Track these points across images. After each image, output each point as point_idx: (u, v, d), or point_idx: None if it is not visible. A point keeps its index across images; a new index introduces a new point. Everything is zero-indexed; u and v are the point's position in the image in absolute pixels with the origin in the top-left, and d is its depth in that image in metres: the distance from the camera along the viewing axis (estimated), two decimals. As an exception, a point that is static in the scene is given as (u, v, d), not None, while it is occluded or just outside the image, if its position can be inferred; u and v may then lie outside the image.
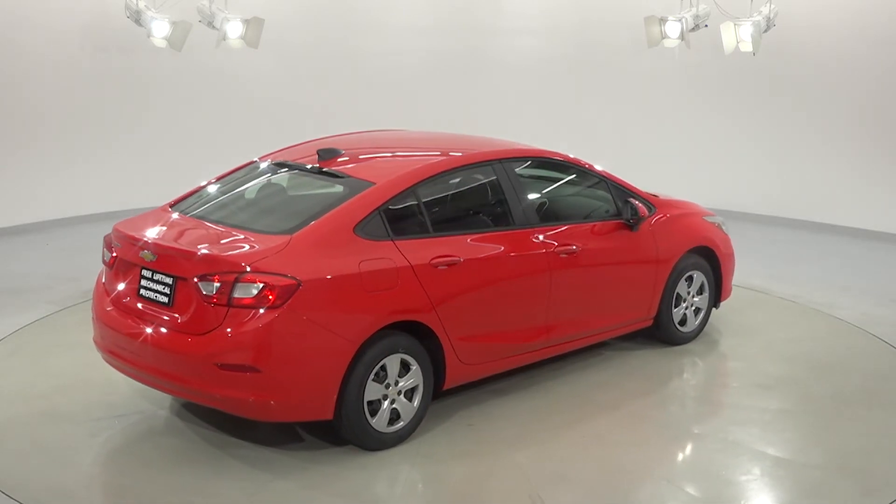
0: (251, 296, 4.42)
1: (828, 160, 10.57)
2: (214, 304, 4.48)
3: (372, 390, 4.75)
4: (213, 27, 9.46)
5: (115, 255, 5.10)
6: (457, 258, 5.07)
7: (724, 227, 6.89)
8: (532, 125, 10.96)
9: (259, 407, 4.55)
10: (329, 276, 4.58)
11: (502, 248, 5.34)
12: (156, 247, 4.81)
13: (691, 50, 9.85)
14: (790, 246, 9.79)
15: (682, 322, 6.56)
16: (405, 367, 4.90)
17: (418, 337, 4.94)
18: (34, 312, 7.01)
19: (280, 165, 5.58)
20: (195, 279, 4.54)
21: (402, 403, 4.91)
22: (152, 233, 5.00)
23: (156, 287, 4.79)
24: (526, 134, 7.98)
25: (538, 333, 5.58)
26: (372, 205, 4.89)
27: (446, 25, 11.41)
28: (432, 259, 4.96)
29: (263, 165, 5.67)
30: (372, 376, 4.72)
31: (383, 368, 4.78)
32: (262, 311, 4.42)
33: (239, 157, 6.08)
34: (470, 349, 5.19)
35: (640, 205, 6.03)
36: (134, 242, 4.93)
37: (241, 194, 5.41)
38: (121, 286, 5.01)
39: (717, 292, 6.76)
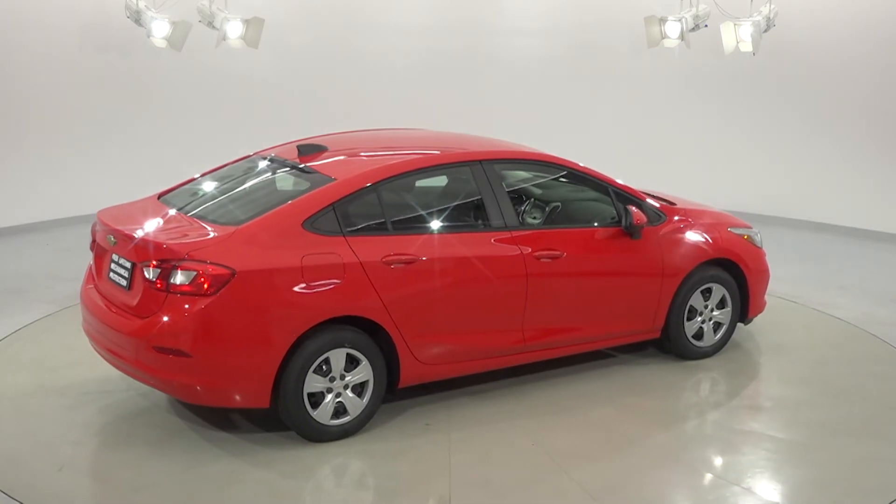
0: (187, 283, 4.56)
1: (827, 160, 10.58)
2: (157, 289, 4.64)
3: (313, 382, 4.80)
4: (213, 27, 9.47)
5: (95, 240, 5.36)
6: (414, 257, 5.02)
7: (756, 240, 6.52)
8: (532, 125, 10.97)
9: (192, 391, 4.71)
10: (267, 268, 4.65)
11: (471, 249, 5.26)
12: (117, 232, 5.00)
13: (691, 50, 9.87)
14: (790, 246, 9.80)
15: (699, 336, 6.25)
16: (354, 362, 4.92)
17: (372, 333, 4.96)
18: (35, 312, 7.01)
19: (266, 160, 5.70)
20: (141, 264, 4.73)
21: (348, 398, 4.93)
22: (122, 219, 5.19)
23: (119, 271, 4.97)
24: (526, 134, 8.00)
25: (514, 338, 5.46)
26: (325, 200, 4.93)
27: (446, 25, 11.41)
28: (385, 257, 4.94)
29: (251, 160, 5.82)
30: (313, 369, 4.78)
31: (328, 361, 4.82)
32: (196, 297, 4.55)
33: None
34: (429, 349, 5.15)
35: (638, 212, 5.75)
36: (105, 228, 5.16)
37: (221, 187, 5.53)
38: (98, 270, 5.28)
39: (744, 307, 6.41)
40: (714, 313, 6.28)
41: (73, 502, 4.43)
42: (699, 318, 6.22)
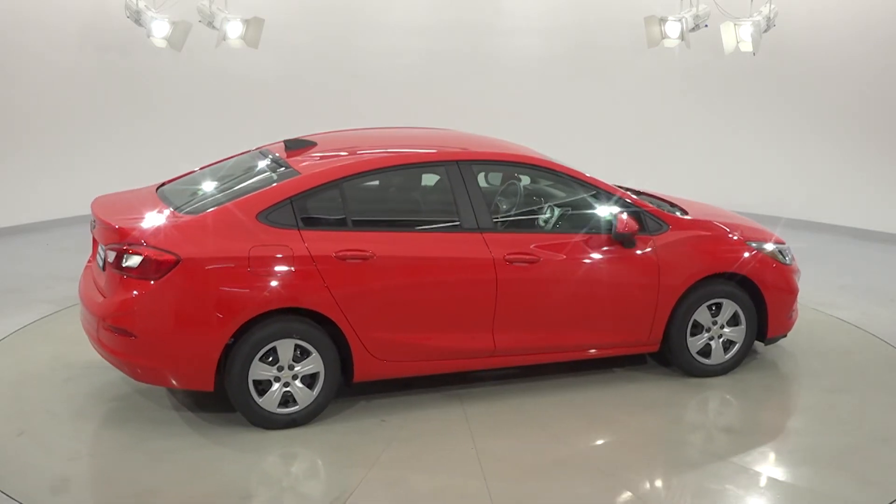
0: (135, 266, 4.79)
1: (827, 160, 10.58)
2: (115, 271, 4.88)
3: (259, 370, 4.93)
4: (213, 27, 9.47)
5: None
6: (370, 254, 5.04)
7: (780, 256, 6.11)
8: (532, 125, 10.97)
9: (140, 371, 4.94)
10: (212, 256, 4.81)
11: (435, 249, 5.23)
12: (96, 218, 5.24)
13: (691, 50, 9.87)
14: (791, 246, 9.77)
15: (707, 353, 5.91)
16: (306, 354, 5.02)
17: (326, 326, 5.03)
18: (35, 312, 7.02)
19: (260, 156, 5.78)
20: (106, 248, 5.00)
21: (297, 388, 5.02)
22: (105, 206, 5.38)
23: (101, 253, 5.20)
24: (526, 134, 7.98)
25: (483, 341, 5.36)
26: (283, 194, 5.04)
27: (446, 25, 11.42)
28: (338, 252, 4.98)
29: (250, 155, 5.92)
30: (259, 357, 4.91)
31: (276, 351, 4.94)
32: (143, 281, 4.78)
33: (239, 157, 6.10)
34: (386, 346, 5.16)
35: (627, 219, 5.51)
36: (92, 213, 5.38)
37: (209, 180, 5.66)
38: (93, 254, 5.56)
39: (763, 326, 6.02)
40: (724, 330, 5.94)
41: (9, 465, 4.62)
42: (705, 335, 5.91)
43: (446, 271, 5.24)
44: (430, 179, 5.74)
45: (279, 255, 4.90)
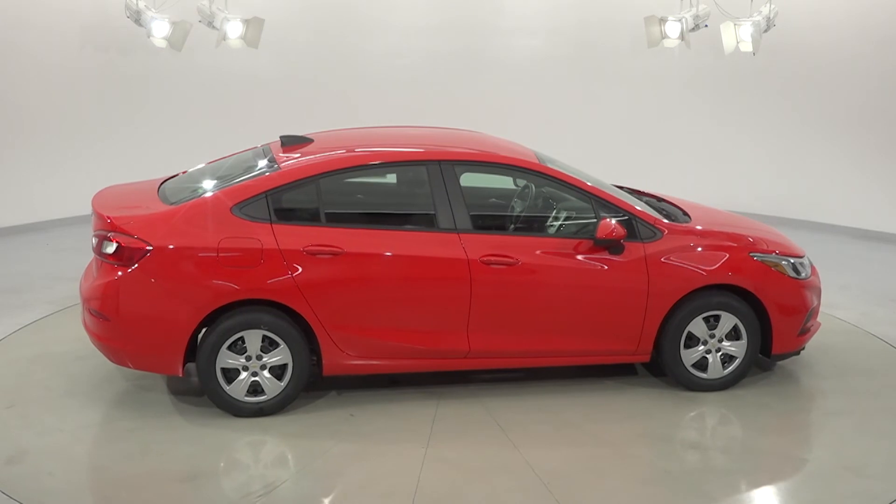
0: (112, 253, 5.02)
1: (828, 160, 10.58)
2: (98, 257, 5.14)
3: (226, 359, 5.09)
4: (213, 27, 9.48)
5: None
6: (340, 249, 5.09)
7: (792, 270, 5.74)
8: (531, 125, 10.97)
9: (113, 353, 5.16)
10: (183, 246, 4.98)
11: (407, 248, 5.21)
12: (91, 208, 5.41)
13: (691, 50, 9.87)
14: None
15: (703, 366, 5.69)
16: (276, 345, 5.14)
17: (296, 319, 5.14)
18: (35, 312, 7.02)
19: (260, 151, 5.86)
20: (94, 234, 5.22)
21: (264, 378, 5.15)
22: (103, 196, 5.57)
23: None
24: (525, 134, 7.99)
25: (457, 342, 5.31)
26: (258, 189, 5.17)
27: (446, 25, 11.42)
28: (307, 246, 5.06)
29: (252, 150, 6.01)
30: (227, 346, 5.06)
31: (244, 340, 5.09)
32: (118, 267, 5.00)
33: (239, 157, 6.09)
34: (356, 342, 5.20)
35: (614, 225, 5.32)
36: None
37: (210, 173, 5.71)
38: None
39: (767, 341, 5.72)
40: (724, 344, 5.67)
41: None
42: (701, 347, 5.66)
43: (418, 270, 5.24)
44: (410, 178, 5.73)
45: (247, 248, 5.01)
